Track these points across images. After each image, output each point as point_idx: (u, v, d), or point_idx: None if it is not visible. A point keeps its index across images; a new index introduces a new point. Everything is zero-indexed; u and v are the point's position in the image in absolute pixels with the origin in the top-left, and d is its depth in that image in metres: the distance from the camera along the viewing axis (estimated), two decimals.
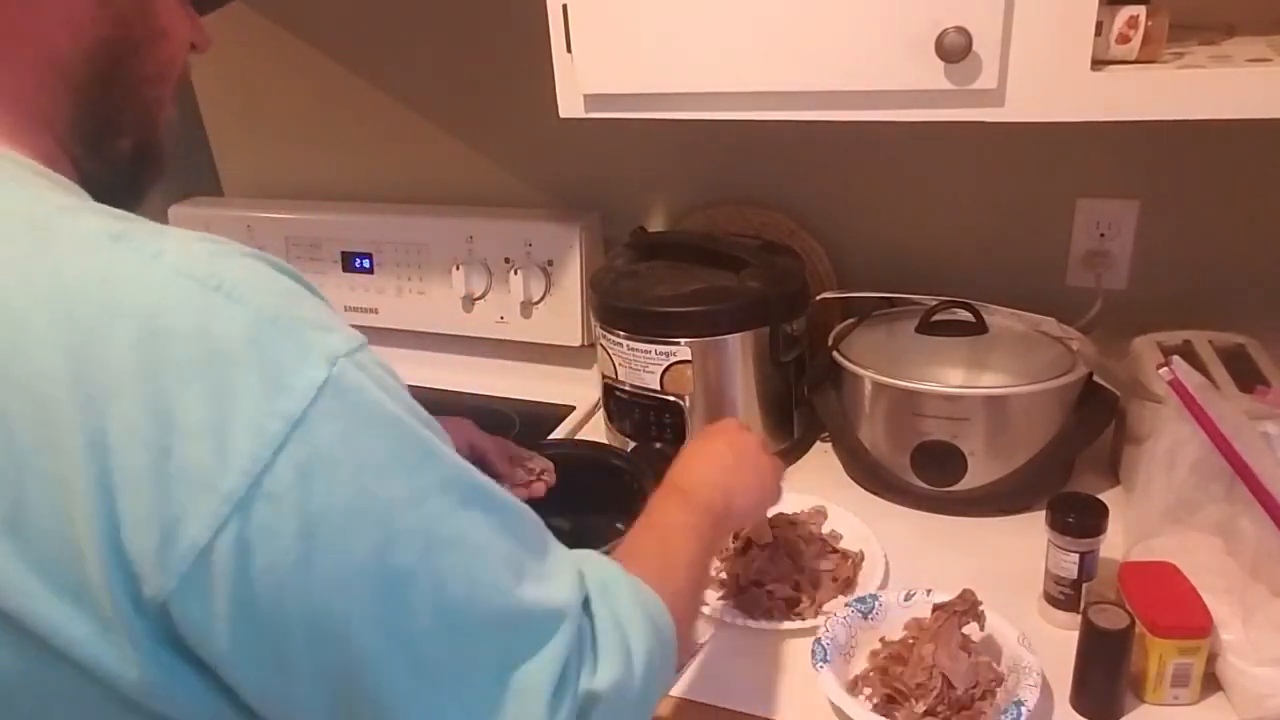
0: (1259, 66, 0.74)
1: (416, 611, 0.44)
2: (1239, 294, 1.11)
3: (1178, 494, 0.82)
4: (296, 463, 0.41)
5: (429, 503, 0.45)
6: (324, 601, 0.42)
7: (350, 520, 0.42)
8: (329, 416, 0.42)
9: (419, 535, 0.44)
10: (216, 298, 0.42)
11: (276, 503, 0.41)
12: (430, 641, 0.45)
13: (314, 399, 0.42)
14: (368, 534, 0.43)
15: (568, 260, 1.28)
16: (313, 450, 0.42)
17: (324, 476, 0.42)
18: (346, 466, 0.42)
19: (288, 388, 0.42)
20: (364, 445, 0.43)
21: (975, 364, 1.01)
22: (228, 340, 0.41)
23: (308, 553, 0.42)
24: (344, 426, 0.43)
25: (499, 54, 1.32)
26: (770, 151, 1.25)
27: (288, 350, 0.42)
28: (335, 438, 0.42)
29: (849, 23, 0.79)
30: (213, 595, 0.41)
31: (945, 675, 0.74)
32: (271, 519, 0.41)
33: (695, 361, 1.05)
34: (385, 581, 0.43)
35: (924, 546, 0.96)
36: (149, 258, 0.43)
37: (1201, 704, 0.75)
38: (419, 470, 0.45)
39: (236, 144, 1.55)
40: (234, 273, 0.43)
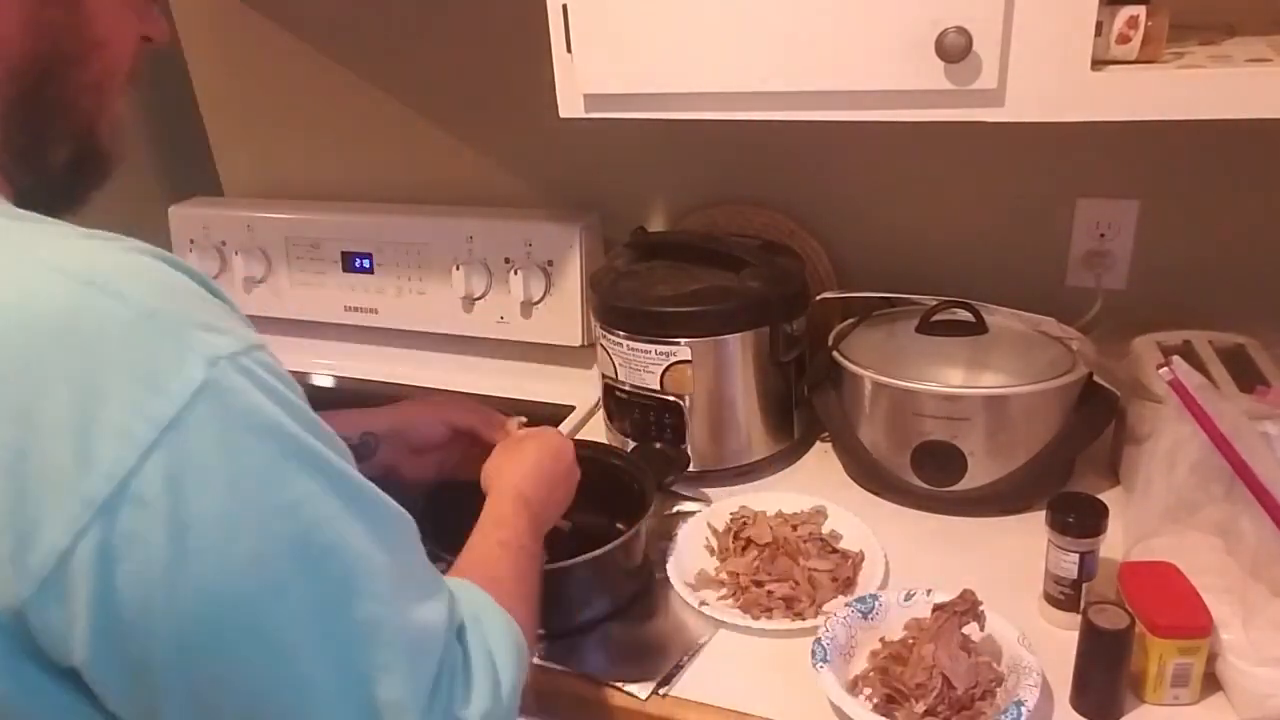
0: (1259, 66, 0.74)
1: (292, 621, 0.43)
2: (1239, 294, 1.11)
3: (1178, 494, 0.82)
4: (166, 468, 0.40)
5: (306, 511, 0.44)
6: (194, 609, 0.41)
7: (223, 528, 0.41)
8: (205, 420, 0.41)
9: (296, 543, 0.43)
10: (89, 292, 0.40)
11: (143, 509, 0.39)
12: (305, 652, 0.44)
13: (189, 402, 0.40)
14: (242, 542, 0.42)
15: (568, 260, 1.28)
16: (184, 456, 0.40)
17: (196, 483, 0.40)
18: (221, 473, 0.41)
19: (161, 390, 0.40)
20: (241, 451, 0.42)
21: (975, 364, 1.01)
22: (97, 337, 0.40)
23: (177, 560, 0.40)
24: (220, 431, 0.41)
25: (499, 54, 1.32)
26: (770, 151, 1.25)
27: (164, 349, 0.41)
28: (210, 443, 0.41)
29: (849, 23, 0.79)
30: (72, 602, 0.39)
31: (945, 675, 0.74)
32: (138, 525, 0.39)
33: (695, 361, 1.05)
34: (259, 590, 0.42)
35: (924, 546, 0.96)
36: (20, 252, 0.42)
37: (1201, 704, 0.75)
38: (298, 478, 0.44)
39: (236, 144, 1.55)
40: (114, 268, 0.42)
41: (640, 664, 0.83)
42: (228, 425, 0.41)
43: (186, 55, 1.50)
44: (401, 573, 0.49)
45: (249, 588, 0.42)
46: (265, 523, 0.42)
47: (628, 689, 0.80)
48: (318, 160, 1.50)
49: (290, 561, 0.43)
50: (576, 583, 0.86)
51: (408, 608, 0.48)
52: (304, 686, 0.44)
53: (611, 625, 0.88)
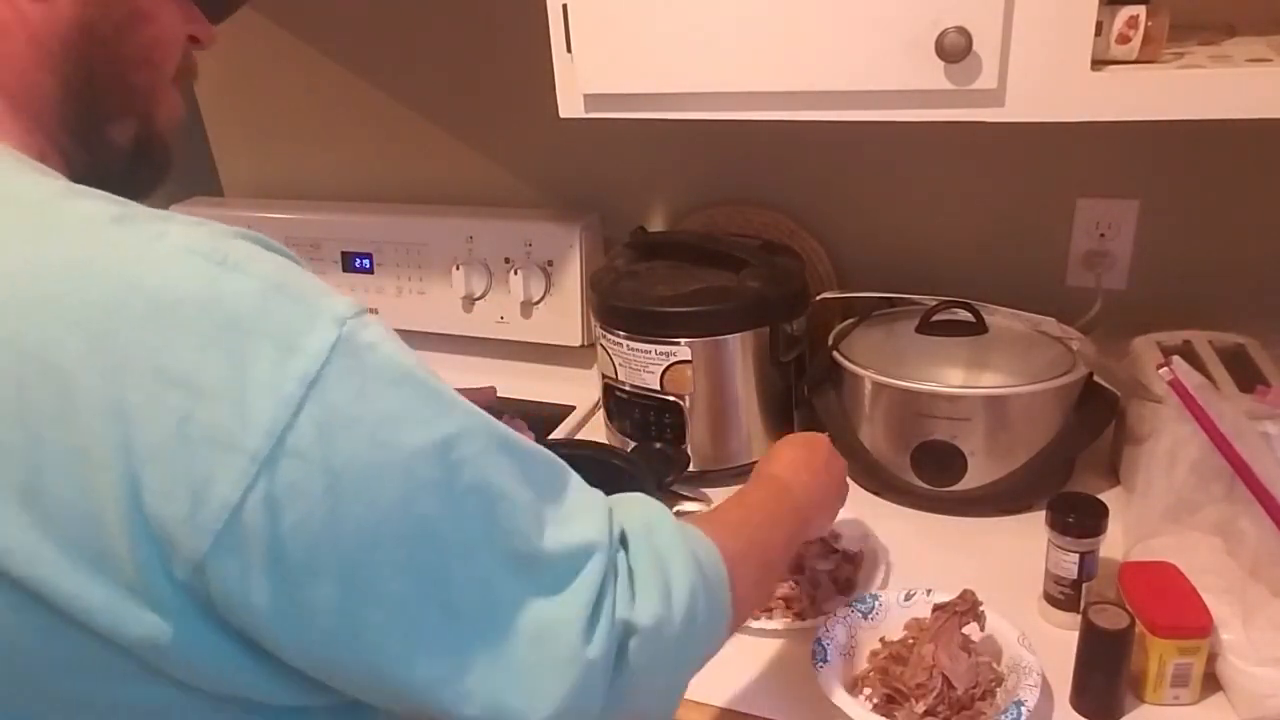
0: (1259, 66, 0.74)
1: (443, 557, 0.46)
2: (1239, 294, 1.11)
3: (1178, 494, 0.82)
4: (316, 421, 0.42)
5: (448, 452, 0.46)
6: (355, 552, 0.43)
7: (374, 472, 0.43)
8: (344, 374, 0.43)
9: (440, 485, 0.45)
10: (222, 270, 0.43)
11: (301, 460, 0.42)
12: (457, 585, 0.46)
13: (327, 358, 0.43)
14: (391, 485, 0.44)
15: (568, 260, 1.28)
16: (331, 408, 0.43)
17: (344, 432, 0.43)
18: (366, 421, 0.43)
19: (301, 349, 0.43)
20: (380, 399, 0.44)
21: (975, 364, 1.01)
22: (238, 309, 0.43)
23: (335, 506, 0.43)
24: (359, 383, 0.44)
25: (499, 54, 1.32)
26: (770, 151, 1.25)
27: (297, 314, 0.44)
28: (351, 394, 0.43)
29: (849, 23, 0.79)
30: (248, 552, 0.42)
31: (945, 675, 0.74)
32: (298, 476, 0.42)
33: (695, 361, 1.05)
34: (411, 529, 0.44)
35: (924, 546, 0.96)
36: (153, 237, 0.44)
37: (1201, 704, 0.75)
38: (436, 421, 0.46)
39: (236, 144, 1.55)
40: (235, 249, 0.45)
41: None
42: (364, 377, 0.44)
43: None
44: (543, 500, 0.50)
45: (401, 528, 0.44)
46: (410, 466, 0.44)
47: None
48: (318, 160, 1.50)
49: (436, 501, 0.45)
50: None
51: (557, 533, 0.50)
52: (460, 617, 0.46)
53: None
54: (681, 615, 0.54)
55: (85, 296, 0.42)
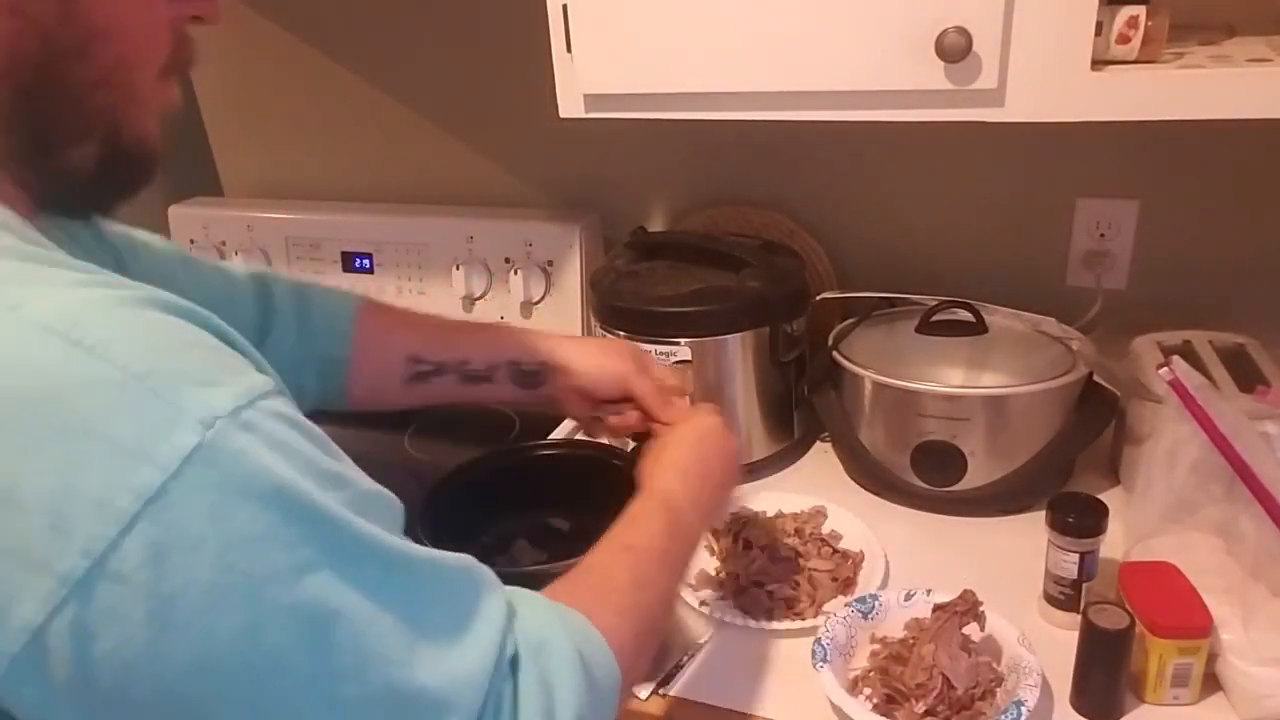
0: (1259, 66, 0.74)
1: (295, 692, 0.41)
2: (1239, 294, 1.11)
3: (1178, 494, 0.82)
4: (149, 542, 0.37)
5: (311, 577, 0.41)
6: (180, 686, 0.39)
7: (213, 600, 0.39)
8: (195, 488, 0.38)
9: (297, 612, 0.41)
10: (76, 354, 0.38)
11: (122, 585, 0.37)
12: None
13: (178, 469, 0.38)
14: (233, 614, 0.39)
15: (568, 260, 1.28)
16: (169, 528, 0.38)
17: (182, 556, 0.38)
18: (211, 543, 0.39)
19: (147, 458, 0.38)
20: (235, 519, 0.39)
21: (975, 364, 1.01)
22: (81, 403, 0.38)
23: (159, 636, 0.38)
24: (213, 499, 0.39)
25: (499, 54, 1.32)
26: (770, 151, 1.25)
27: (154, 413, 0.38)
28: (200, 512, 0.38)
29: (849, 23, 0.79)
30: (48, 679, 0.38)
31: (945, 675, 0.74)
32: (116, 601, 0.37)
33: (695, 361, 1.05)
34: (256, 662, 0.40)
35: (924, 546, 0.96)
36: (5, 310, 0.39)
37: (1201, 704, 0.75)
38: (303, 542, 0.41)
39: (236, 144, 1.56)
40: (105, 324, 0.39)
41: None
42: (223, 491, 0.39)
43: None
44: (429, 626, 0.46)
45: (244, 660, 0.40)
46: (259, 592, 0.40)
47: None
48: (318, 160, 1.50)
49: (289, 631, 0.40)
50: None
51: (435, 663, 0.45)
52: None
53: None
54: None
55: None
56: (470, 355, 0.88)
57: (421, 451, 1.23)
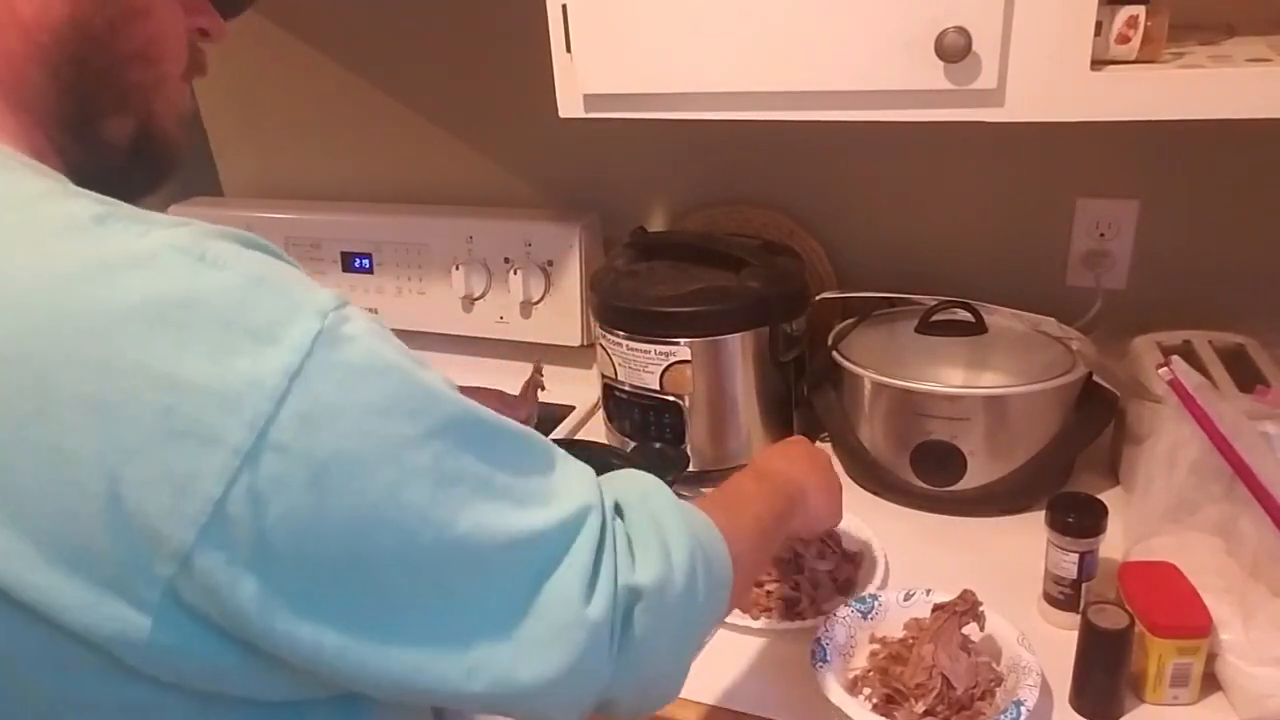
0: (1259, 66, 0.74)
1: (435, 544, 0.46)
2: (1239, 294, 1.10)
3: (1178, 494, 0.82)
4: (299, 413, 0.42)
5: (434, 441, 0.46)
6: (343, 543, 0.44)
7: (359, 464, 0.44)
8: (326, 366, 0.43)
9: (426, 473, 0.46)
10: (202, 266, 0.43)
11: (284, 453, 0.42)
12: (452, 570, 0.47)
13: (310, 350, 0.43)
14: (377, 476, 0.44)
15: (568, 260, 1.28)
16: (314, 400, 0.42)
17: (328, 424, 0.43)
18: (349, 413, 0.43)
19: (282, 342, 0.43)
20: (364, 391, 0.44)
21: (975, 364, 1.01)
22: (218, 303, 0.43)
23: (321, 498, 0.43)
24: (342, 375, 0.44)
25: (499, 54, 1.32)
26: (770, 151, 1.25)
27: (278, 307, 0.44)
28: (334, 386, 0.43)
29: (849, 23, 0.79)
30: (234, 545, 0.42)
31: (945, 675, 0.74)
32: (281, 469, 0.42)
33: (695, 361, 1.05)
34: (399, 519, 0.45)
35: (924, 546, 0.96)
36: (135, 236, 0.44)
37: (1201, 704, 0.75)
38: (420, 411, 0.46)
39: (236, 144, 1.55)
40: (216, 246, 0.45)
41: None
42: (348, 368, 0.44)
43: None
44: (536, 479, 0.51)
45: (391, 517, 0.44)
46: (396, 455, 0.45)
47: None
48: (318, 160, 1.50)
49: (425, 489, 0.45)
50: None
51: (548, 509, 0.50)
52: (456, 599, 0.47)
53: None
54: (683, 577, 0.55)
55: (64, 297, 0.42)
56: None
57: None
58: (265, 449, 0.41)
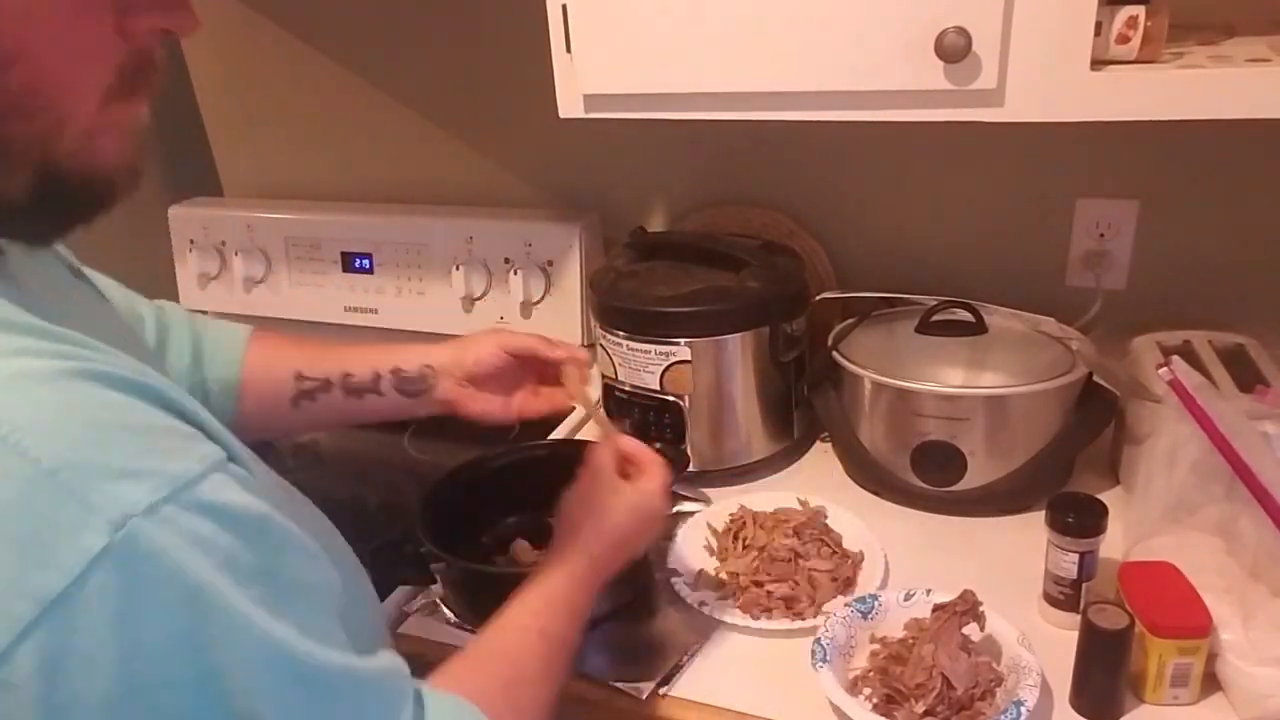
0: (1259, 66, 0.74)
1: None
2: (1239, 294, 1.11)
3: (1178, 494, 0.82)
4: (42, 651, 0.36)
5: (220, 683, 0.39)
6: None
7: (108, 710, 0.37)
8: (100, 594, 0.36)
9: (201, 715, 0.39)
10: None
11: (11, 693, 0.36)
12: None
13: (81, 574, 0.36)
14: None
15: (568, 260, 1.28)
16: (68, 635, 0.36)
17: (78, 665, 0.36)
18: (111, 651, 0.37)
19: (49, 562, 0.36)
20: (142, 625, 0.37)
21: (975, 364, 1.01)
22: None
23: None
24: (118, 606, 0.37)
25: (499, 54, 1.32)
26: (770, 151, 1.25)
27: (62, 512, 0.36)
28: (104, 618, 0.37)
29: (849, 23, 0.79)
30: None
31: (945, 675, 0.74)
32: (5, 709, 0.36)
33: (695, 361, 1.05)
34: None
35: (924, 546, 0.96)
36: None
37: (1201, 704, 0.75)
38: (216, 647, 0.39)
39: (236, 144, 1.56)
40: (24, 406, 0.38)
41: (640, 664, 0.83)
42: (130, 597, 0.37)
43: (186, 55, 1.50)
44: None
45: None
46: (157, 702, 0.38)
47: (628, 689, 0.80)
48: (318, 160, 1.50)
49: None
50: None
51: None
52: None
53: (611, 625, 0.88)
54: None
55: None
56: (353, 367, 0.87)
57: (421, 451, 1.23)
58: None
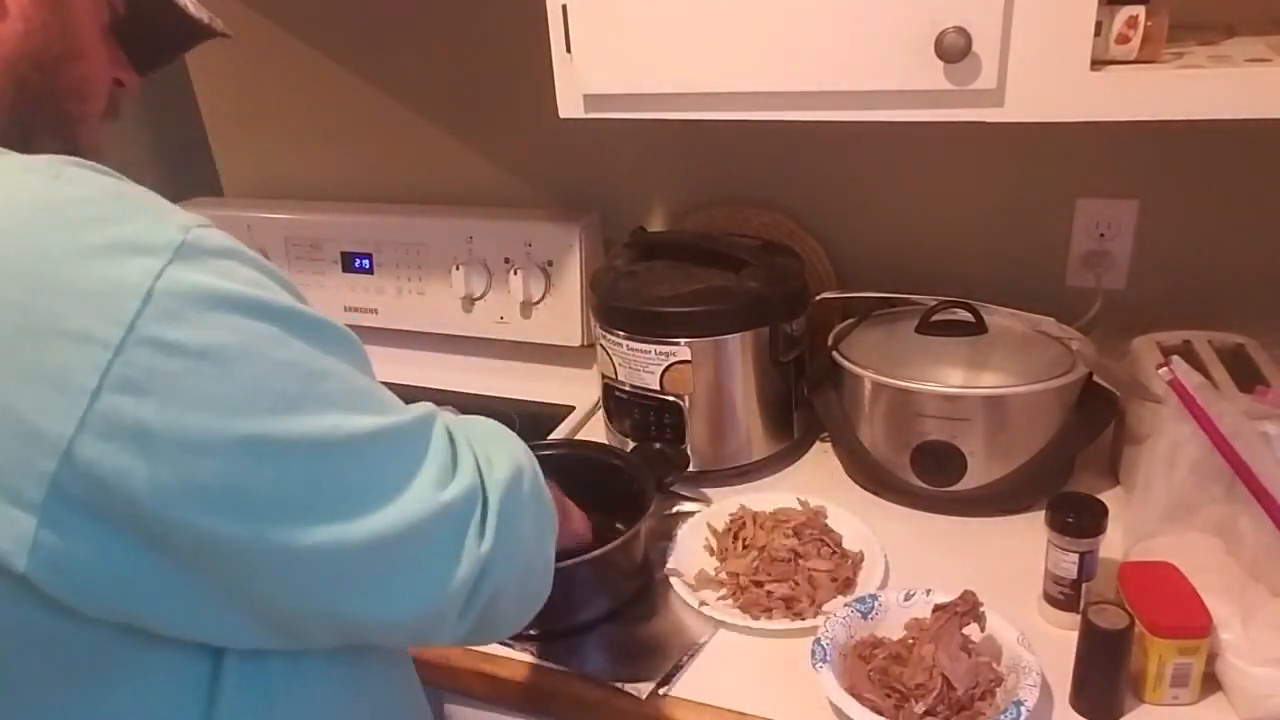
0: (1259, 66, 0.74)
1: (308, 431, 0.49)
2: (1239, 294, 1.11)
3: (1178, 494, 0.82)
4: (167, 310, 0.44)
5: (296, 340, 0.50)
6: (221, 430, 0.46)
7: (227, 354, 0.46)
8: (186, 268, 0.46)
9: (295, 366, 0.49)
10: (59, 183, 0.47)
11: (155, 345, 0.44)
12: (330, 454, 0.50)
13: (172, 257, 0.45)
14: (249, 363, 0.47)
15: (568, 260, 1.28)
16: (181, 299, 0.45)
17: (195, 319, 0.45)
18: (214, 310, 0.46)
19: (146, 247, 0.45)
20: (225, 293, 0.47)
21: (975, 364, 1.01)
22: (80, 212, 0.45)
23: (196, 385, 0.45)
24: (200, 278, 0.46)
25: (499, 54, 1.32)
26: (770, 151, 1.25)
27: (141, 217, 0.46)
28: (197, 288, 0.46)
29: (849, 23, 0.79)
30: (116, 435, 0.43)
31: (945, 676, 0.74)
32: (154, 361, 0.44)
33: (695, 361, 1.05)
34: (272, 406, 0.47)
35: (924, 546, 0.96)
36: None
37: (1201, 704, 0.75)
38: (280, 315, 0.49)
39: (236, 144, 1.55)
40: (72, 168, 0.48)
41: (640, 664, 0.83)
42: (212, 272, 0.47)
43: (187, 56, 1.49)
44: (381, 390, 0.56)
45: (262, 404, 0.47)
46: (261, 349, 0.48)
47: (628, 689, 0.80)
48: (318, 160, 1.50)
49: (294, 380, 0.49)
50: (577, 583, 0.86)
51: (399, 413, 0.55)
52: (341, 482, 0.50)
53: (611, 625, 0.88)
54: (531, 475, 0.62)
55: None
56: None
57: None
58: (135, 342, 0.43)
